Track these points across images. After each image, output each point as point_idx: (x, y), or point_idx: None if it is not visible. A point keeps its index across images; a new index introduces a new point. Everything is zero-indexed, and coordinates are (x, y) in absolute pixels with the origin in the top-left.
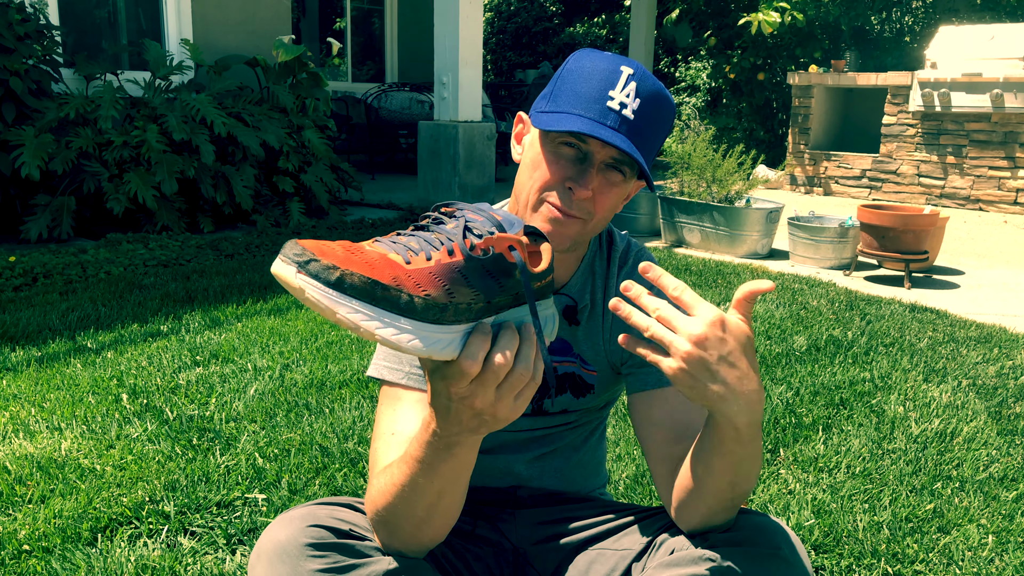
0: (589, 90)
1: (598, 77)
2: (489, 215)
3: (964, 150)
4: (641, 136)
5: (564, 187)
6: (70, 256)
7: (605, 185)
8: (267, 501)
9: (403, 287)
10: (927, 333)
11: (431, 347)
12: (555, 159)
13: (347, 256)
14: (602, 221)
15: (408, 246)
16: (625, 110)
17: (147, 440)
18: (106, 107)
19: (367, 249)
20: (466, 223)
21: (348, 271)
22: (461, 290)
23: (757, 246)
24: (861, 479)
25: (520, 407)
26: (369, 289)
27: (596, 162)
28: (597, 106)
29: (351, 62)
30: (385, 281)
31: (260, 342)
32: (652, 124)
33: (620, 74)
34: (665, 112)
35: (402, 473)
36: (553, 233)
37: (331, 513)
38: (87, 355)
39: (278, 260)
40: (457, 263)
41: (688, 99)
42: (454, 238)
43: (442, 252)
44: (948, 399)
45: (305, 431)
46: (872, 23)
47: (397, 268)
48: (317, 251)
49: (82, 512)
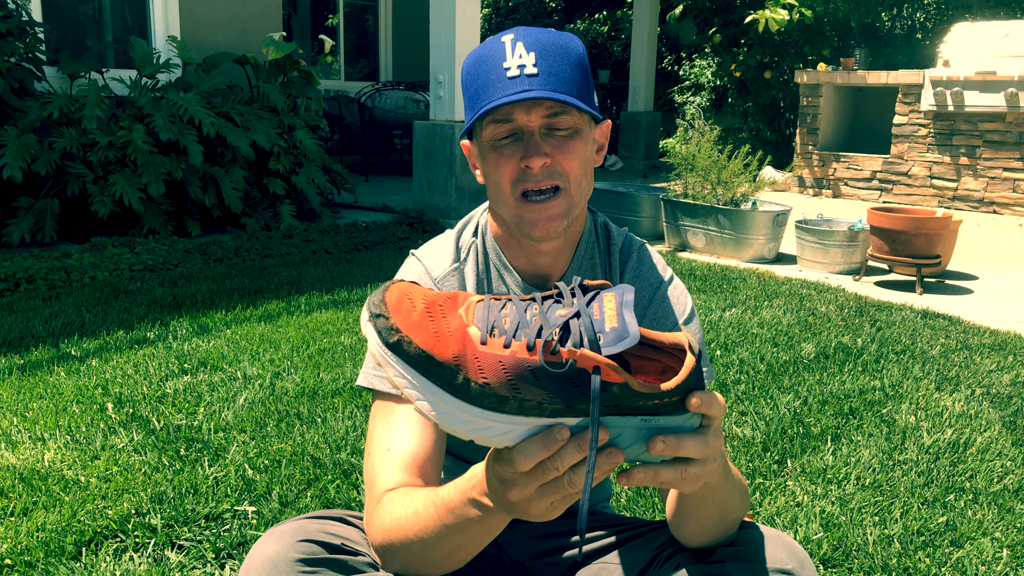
0: (487, 77)
1: (487, 62)
2: (621, 314)
3: (978, 151)
4: (557, 78)
5: (521, 169)
6: (53, 260)
7: (559, 144)
8: (257, 514)
9: (463, 367)
10: (939, 340)
11: (474, 432)
12: (498, 153)
13: (423, 318)
14: (581, 180)
15: (499, 321)
16: (525, 69)
17: (133, 451)
18: (91, 106)
19: (457, 312)
20: (577, 315)
21: (407, 338)
22: (529, 388)
23: (764, 250)
24: (871, 491)
25: (555, 512)
26: (422, 361)
27: (533, 129)
28: (499, 83)
29: (344, 60)
30: (443, 357)
31: (250, 349)
32: (560, 62)
33: (503, 44)
34: (564, 43)
35: (428, 515)
36: (542, 226)
37: (323, 527)
38: (71, 363)
39: (366, 303)
40: (531, 363)
41: (692, 98)
42: (541, 334)
43: (522, 344)
44: (961, 408)
45: (296, 441)
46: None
47: (468, 345)
48: (396, 303)
49: (66, 525)
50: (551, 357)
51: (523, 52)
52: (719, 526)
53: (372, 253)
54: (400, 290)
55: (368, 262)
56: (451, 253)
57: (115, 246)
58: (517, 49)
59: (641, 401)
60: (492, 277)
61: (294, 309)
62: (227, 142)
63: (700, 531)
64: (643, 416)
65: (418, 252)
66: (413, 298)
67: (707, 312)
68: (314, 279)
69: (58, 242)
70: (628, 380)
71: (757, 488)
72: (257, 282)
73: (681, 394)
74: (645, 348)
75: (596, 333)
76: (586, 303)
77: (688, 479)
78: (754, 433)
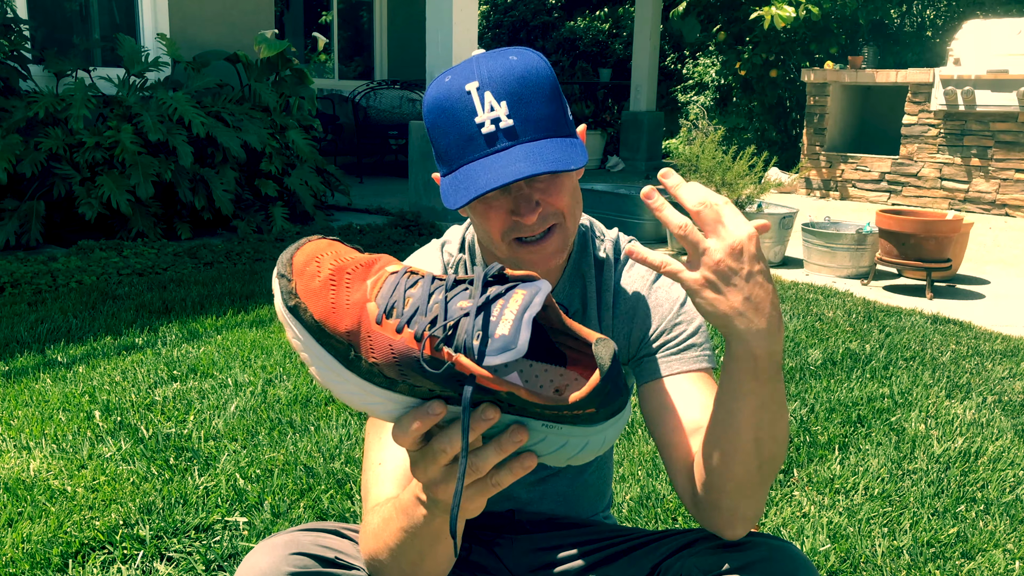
0: (459, 132)
1: (456, 115)
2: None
3: (989, 152)
4: (535, 125)
5: (513, 223)
6: (39, 264)
7: (547, 187)
8: (248, 525)
9: (355, 344)
10: (950, 346)
11: (365, 405)
12: (486, 206)
13: (324, 286)
14: (574, 209)
15: (400, 301)
16: (500, 122)
17: (121, 460)
18: (77, 106)
19: (364, 283)
20: (477, 309)
21: (303, 304)
22: (417, 377)
23: (769, 254)
24: (880, 501)
25: (474, 501)
26: (316, 331)
27: (521, 184)
28: (475, 141)
29: (338, 58)
30: (335, 331)
31: (241, 356)
32: (533, 102)
33: (470, 96)
34: (532, 76)
35: (392, 520)
36: (543, 264)
37: (316, 540)
38: (57, 369)
39: (281, 254)
40: (416, 354)
41: (696, 98)
42: (430, 327)
43: (411, 334)
44: (972, 416)
45: (289, 450)
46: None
47: (364, 321)
48: (302, 265)
49: (52, 536)
50: (434, 354)
51: (494, 103)
52: (754, 462)
53: None
54: (310, 251)
55: None
56: (439, 269)
57: (103, 249)
58: (487, 100)
59: (536, 409)
60: None
61: None
62: (218, 143)
63: (737, 474)
64: (543, 422)
65: (405, 264)
66: (321, 261)
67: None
68: None
69: (44, 245)
70: (515, 391)
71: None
72: (249, 286)
73: (583, 408)
74: (581, 342)
75: (485, 337)
76: (490, 299)
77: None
78: None
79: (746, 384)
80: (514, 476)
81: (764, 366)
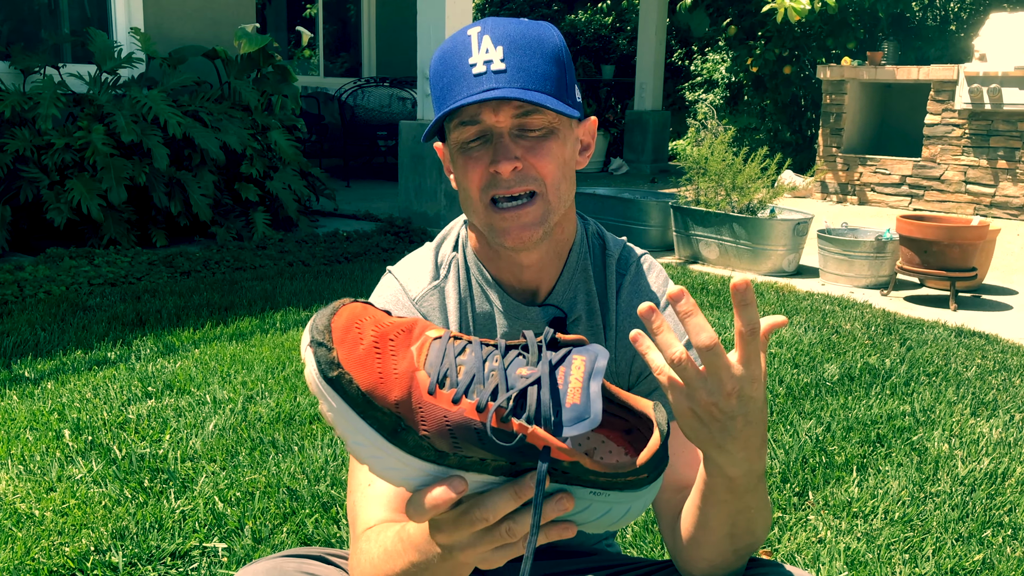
0: (451, 74)
1: (452, 58)
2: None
3: (1017, 154)
4: (527, 73)
5: (490, 174)
6: (5, 274)
7: (532, 145)
8: (228, 551)
9: (404, 415)
10: (975, 360)
11: (405, 480)
12: (466, 157)
13: (369, 353)
14: (560, 184)
15: (453, 369)
16: (492, 64)
17: (92, 482)
18: (46, 105)
19: (409, 349)
20: (539, 381)
21: (348, 375)
22: (472, 448)
23: (783, 262)
24: (900, 526)
25: (501, 558)
26: (361, 403)
27: (503, 131)
28: (465, 81)
29: (323, 54)
30: (384, 402)
31: (220, 371)
32: (532, 55)
33: (469, 39)
34: (537, 34)
35: (397, 553)
36: (515, 235)
37: (300, 567)
38: (24, 385)
39: (309, 322)
40: (478, 425)
41: (705, 96)
42: (492, 397)
43: (472, 404)
44: (999, 435)
45: (271, 472)
46: (913, 10)
47: (415, 391)
48: (343, 332)
49: (19, 563)
50: (501, 425)
51: (490, 46)
52: (728, 548)
53: (354, 265)
54: (349, 315)
55: (349, 275)
56: (430, 270)
57: (72, 258)
58: (484, 43)
59: (592, 477)
60: (475, 295)
61: (268, 327)
62: (195, 144)
63: (709, 557)
64: (592, 489)
65: (395, 269)
66: (363, 327)
67: (720, 330)
68: (290, 294)
69: (10, 253)
70: (580, 460)
71: (776, 523)
72: (228, 297)
73: (637, 475)
74: (613, 404)
75: (556, 407)
76: (552, 366)
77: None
78: (772, 463)
79: (718, 495)
80: (548, 540)
81: (740, 484)
